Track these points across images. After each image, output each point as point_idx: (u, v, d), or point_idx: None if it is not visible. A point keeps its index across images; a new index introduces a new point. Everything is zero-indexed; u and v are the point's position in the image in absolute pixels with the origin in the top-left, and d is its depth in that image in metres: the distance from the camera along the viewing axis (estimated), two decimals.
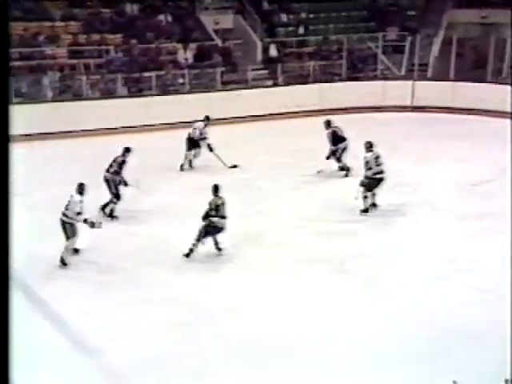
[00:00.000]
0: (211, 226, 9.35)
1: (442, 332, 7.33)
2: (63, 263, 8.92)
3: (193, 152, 13.44)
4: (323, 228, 10.46)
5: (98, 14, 19.00)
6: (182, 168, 13.39)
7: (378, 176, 10.99)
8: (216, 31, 19.73)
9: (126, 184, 10.77)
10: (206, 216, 9.34)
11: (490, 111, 17.49)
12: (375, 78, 19.55)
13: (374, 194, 11.14)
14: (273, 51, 19.66)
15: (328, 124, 13.03)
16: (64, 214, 8.96)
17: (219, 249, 9.51)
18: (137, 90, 17.71)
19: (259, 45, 19.67)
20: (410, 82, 18.82)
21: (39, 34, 17.76)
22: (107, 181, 10.80)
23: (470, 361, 6.73)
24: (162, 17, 19.60)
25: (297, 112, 15.43)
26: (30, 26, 17.77)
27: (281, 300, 8.17)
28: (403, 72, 19.84)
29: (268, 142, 15.20)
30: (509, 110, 17.22)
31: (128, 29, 18.69)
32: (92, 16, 18.85)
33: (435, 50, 20.27)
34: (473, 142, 14.66)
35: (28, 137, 14.43)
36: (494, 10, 19.79)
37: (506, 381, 5.25)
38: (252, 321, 7.65)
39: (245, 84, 18.48)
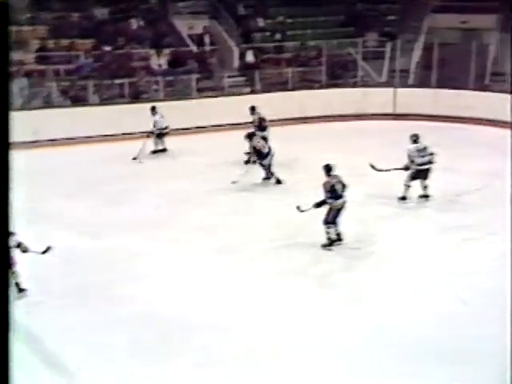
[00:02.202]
0: (336, 210, 9.76)
1: (429, 344, 7.46)
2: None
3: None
4: (305, 240, 10.55)
5: (67, 18, 18.99)
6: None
7: (421, 167, 11.77)
8: (190, 36, 19.82)
9: None
10: (324, 202, 9.79)
11: (473, 119, 17.81)
12: (355, 85, 19.78)
13: (425, 187, 11.99)
14: (250, 57, 19.78)
15: (253, 109, 14.06)
16: None
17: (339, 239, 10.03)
18: (108, 97, 17.71)
19: (236, 50, 19.79)
20: (391, 89, 19.08)
21: None
22: None
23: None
24: (133, 21, 19.65)
25: (276, 120, 15.52)
26: None
27: (264, 314, 8.23)
28: (384, 79, 20.11)
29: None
30: (492, 117, 17.59)
31: (98, 34, 18.70)
32: (60, 20, 18.83)
33: (416, 55, 20.57)
34: (457, 150, 14.89)
35: None
36: (474, 15, 20.17)
37: None
38: (245, 336, 7.70)
39: (221, 91, 18.58)
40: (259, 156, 12.91)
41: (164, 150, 15.21)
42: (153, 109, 15.03)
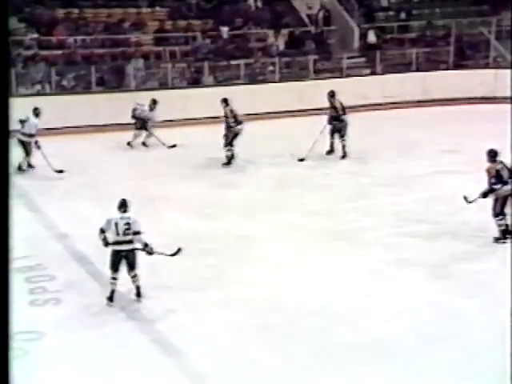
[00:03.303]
0: (503, 198, 9.28)
1: None
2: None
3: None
4: (418, 228, 9.95)
5: (185, 0, 19.10)
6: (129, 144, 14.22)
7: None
8: (309, 16, 19.39)
9: None
10: (492, 189, 9.27)
11: None
12: (486, 66, 18.66)
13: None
14: (371, 37, 19.12)
15: (225, 101, 13.31)
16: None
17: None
18: (223, 78, 17.63)
19: (356, 31, 19.18)
20: None
21: (124, 20, 18.01)
22: None
23: None
24: (251, 1, 19.47)
25: (397, 102, 14.86)
26: (114, 12, 18.07)
27: (376, 305, 7.75)
28: None
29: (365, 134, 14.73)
30: None
31: (216, 15, 18.68)
32: (179, 2, 18.97)
33: None
34: None
35: (109, 127, 14.60)
36: None
37: None
38: (343, 324, 7.28)
39: (339, 73, 18.04)
40: None
41: (144, 144, 14.46)
42: (154, 102, 14.34)
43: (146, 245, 7.64)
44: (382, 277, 8.48)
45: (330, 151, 13.54)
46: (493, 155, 9.39)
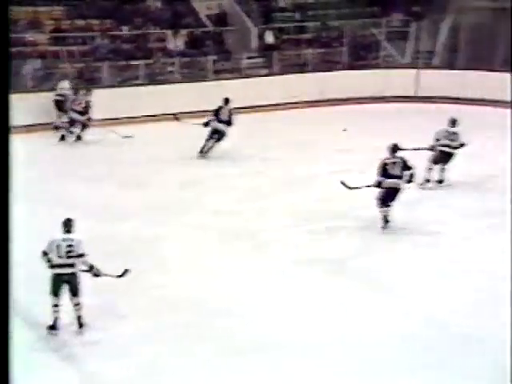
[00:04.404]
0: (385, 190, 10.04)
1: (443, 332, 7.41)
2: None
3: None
4: (319, 226, 10.53)
5: None
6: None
7: (443, 149, 11.85)
8: (208, 17, 19.73)
9: None
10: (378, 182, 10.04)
11: (501, 102, 17.49)
12: (377, 66, 19.58)
13: (442, 169, 11.97)
14: (269, 38, 19.66)
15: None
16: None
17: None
18: (123, 79, 17.72)
19: (254, 31, 19.67)
20: (414, 71, 18.87)
21: (19, 19, 17.75)
22: None
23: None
24: (150, 1, 19.62)
25: (294, 103, 15.46)
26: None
27: (279, 304, 8.21)
28: (408, 60, 19.90)
29: (263, 135, 15.25)
30: None
31: (115, 14, 18.71)
32: (76, 0, 18.85)
33: (442, 36, 20.28)
34: (484, 134, 14.63)
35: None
36: None
37: None
38: (249, 324, 7.69)
39: (238, 73, 18.50)
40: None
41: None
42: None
43: (91, 267, 7.32)
44: (284, 276, 8.92)
45: (202, 151, 13.81)
46: (391, 150, 10.16)
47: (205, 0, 19.98)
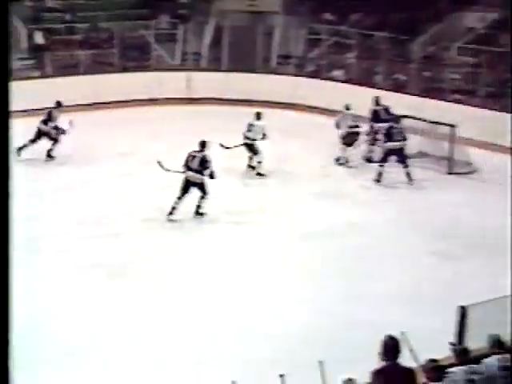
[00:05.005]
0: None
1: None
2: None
3: None
4: (103, 232, 11.15)
5: None
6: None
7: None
8: None
9: None
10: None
11: (262, 102, 18.95)
12: (149, 68, 20.26)
13: (250, 158, 13.84)
14: (38, 38, 19.53)
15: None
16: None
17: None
18: None
19: (23, 31, 19.43)
20: (184, 73, 19.82)
21: None
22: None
23: None
24: None
25: (71, 106, 15.60)
26: None
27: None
28: (178, 61, 20.83)
29: None
30: (279, 100, 19.00)
31: None
32: None
33: (207, 38, 21.48)
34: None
35: None
36: None
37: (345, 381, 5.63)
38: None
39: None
40: None
41: None
42: None
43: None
44: (67, 281, 9.47)
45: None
46: (200, 145, 11.55)
47: None
